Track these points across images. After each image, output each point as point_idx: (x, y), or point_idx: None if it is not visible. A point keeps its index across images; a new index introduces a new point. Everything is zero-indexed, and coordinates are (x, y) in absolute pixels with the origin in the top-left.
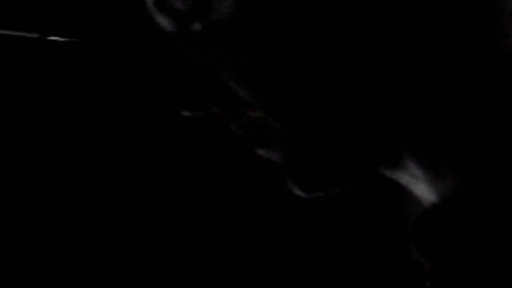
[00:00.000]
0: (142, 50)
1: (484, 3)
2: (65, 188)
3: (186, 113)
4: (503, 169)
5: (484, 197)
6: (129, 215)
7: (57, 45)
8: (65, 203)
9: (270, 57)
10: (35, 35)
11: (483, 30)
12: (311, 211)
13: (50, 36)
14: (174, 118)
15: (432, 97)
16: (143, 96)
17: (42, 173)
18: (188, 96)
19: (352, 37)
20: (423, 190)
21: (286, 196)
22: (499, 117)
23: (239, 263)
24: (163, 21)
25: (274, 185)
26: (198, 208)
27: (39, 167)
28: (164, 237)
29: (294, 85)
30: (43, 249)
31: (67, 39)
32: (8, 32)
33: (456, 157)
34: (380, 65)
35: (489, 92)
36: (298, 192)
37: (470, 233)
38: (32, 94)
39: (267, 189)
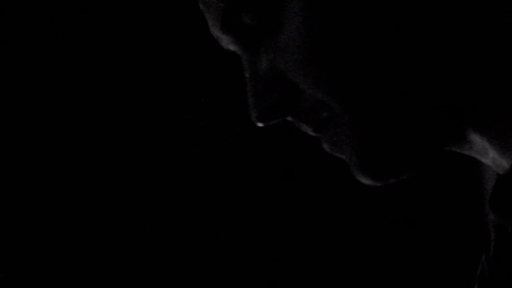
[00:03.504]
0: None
1: None
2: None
3: (260, 124)
4: None
5: None
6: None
7: None
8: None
9: (342, 57)
10: None
11: None
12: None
13: None
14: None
15: (487, 69)
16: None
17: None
18: (261, 108)
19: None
20: (494, 159)
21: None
22: None
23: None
24: (229, 38)
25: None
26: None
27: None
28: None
29: (361, 80)
30: (43, 249)
31: None
32: None
33: None
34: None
35: None
36: (369, 181)
37: None
38: None
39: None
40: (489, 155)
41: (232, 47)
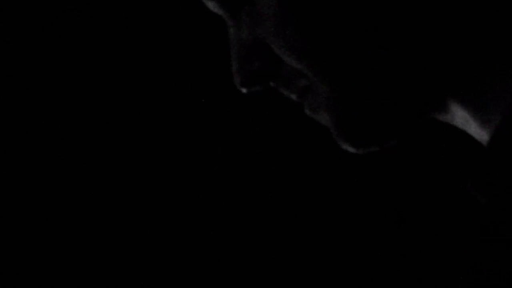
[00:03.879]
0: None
1: None
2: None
3: (244, 90)
4: None
5: None
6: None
7: None
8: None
9: (318, 26)
10: None
11: None
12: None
13: None
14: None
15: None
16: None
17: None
18: (244, 74)
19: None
20: (476, 130)
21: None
22: None
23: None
24: (213, 3)
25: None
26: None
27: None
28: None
29: (341, 49)
30: (43, 249)
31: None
32: None
33: (502, 95)
34: (420, 17)
35: None
36: (350, 148)
37: None
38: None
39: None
40: (471, 126)
41: (218, 11)
